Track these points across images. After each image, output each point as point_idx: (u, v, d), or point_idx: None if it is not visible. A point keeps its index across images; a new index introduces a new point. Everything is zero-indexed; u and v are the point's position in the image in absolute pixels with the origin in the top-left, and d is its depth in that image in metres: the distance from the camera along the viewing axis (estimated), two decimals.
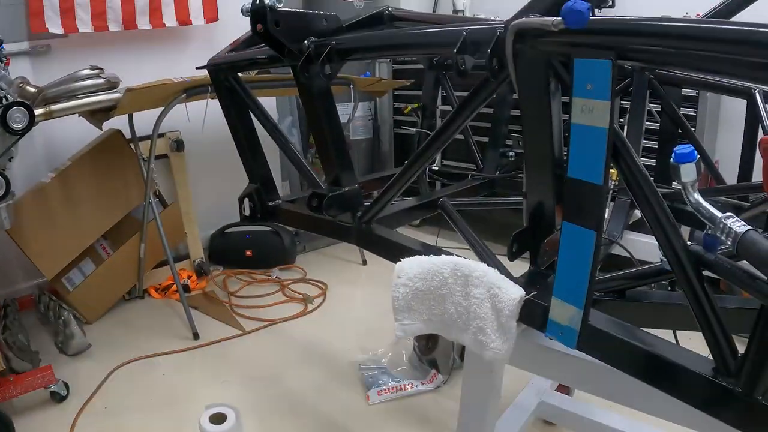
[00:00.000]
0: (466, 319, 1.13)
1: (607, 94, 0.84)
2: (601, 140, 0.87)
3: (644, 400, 0.98)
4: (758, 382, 0.79)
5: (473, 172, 2.32)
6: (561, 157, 1.05)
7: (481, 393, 1.40)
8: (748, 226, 0.79)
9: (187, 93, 2.70)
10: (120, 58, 3.16)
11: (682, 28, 0.77)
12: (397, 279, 1.22)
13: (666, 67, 1.76)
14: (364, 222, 1.48)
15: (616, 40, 0.84)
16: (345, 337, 2.84)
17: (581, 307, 0.96)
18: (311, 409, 2.28)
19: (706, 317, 0.86)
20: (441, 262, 1.18)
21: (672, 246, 0.89)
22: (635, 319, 1.05)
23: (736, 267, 0.84)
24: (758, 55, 0.69)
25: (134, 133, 2.93)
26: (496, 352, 1.08)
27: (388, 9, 1.59)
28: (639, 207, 0.92)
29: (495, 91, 1.15)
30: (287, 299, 3.32)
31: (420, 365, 2.47)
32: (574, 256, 0.96)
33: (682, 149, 0.85)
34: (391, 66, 4.34)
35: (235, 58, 1.68)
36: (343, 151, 1.51)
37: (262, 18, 1.27)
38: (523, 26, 0.92)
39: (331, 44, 1.31)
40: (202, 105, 2.78)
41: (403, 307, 1.22)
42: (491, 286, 1.09)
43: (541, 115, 1.03)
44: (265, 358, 2.69)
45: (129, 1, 3.21)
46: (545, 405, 1.96)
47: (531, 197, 1.12)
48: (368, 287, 3.54)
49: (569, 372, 1.14)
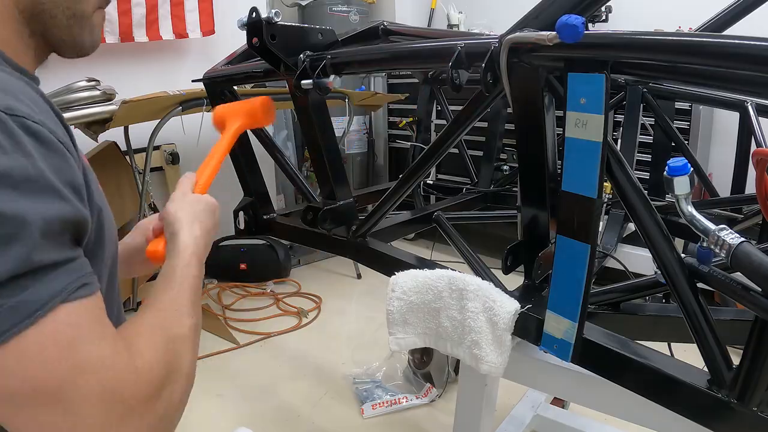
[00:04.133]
0: (461, 333, 1.13)
1: (601, 108, 0.85)
2: (595, 154, 0.87)
3: (639, 412, 0.98)
4: (753, 394, 0.79)
5: (468, 186, 2.32)
6: (555, 170, 1.06)
7: (476, 406, 1.39)
8: (742, 238, 0.79)
9: (182, 106, 2.71)
10: (116, 70, 3.16)
11: (675, 42, 0.77)
12: (391, 293, 1.22)
13: (659, 80, 1.77)
14: (359, 236, 1.48)
15: (609, 55, 0.85)
16: (339, 351, 2.83)
17: (576, 320, 0.96)
18: (305, 423, 2.27)
19: (701, 329, 0.86)
20: (436, 276, 1.18)
21: (666, 258, 0.89)
22: (630, 331, 1.05)
23: (730, 279, 0.84)
24: (750, 68, 0.70)
25: (130, 146, 2.92)
26: (491, 366, 1.08)
27: (383, 23, 1.60)
28: (633, 220, 0.93)
29: (489, 105, 1.16)
30: (282, 313, 3.31)
31: (414, 379, 2.46)
32: (569, 269, 0.96)
33: (675, 162, 0.85)
34: (386, 80, 4.36)
35: (231, 71, 1.68)
36: (338, 165, 1.51)
37: (258, 32, 1.27)
38: (518, 41, 0.92)
39: (327, 58, 1.31)
40: (197, 118, 2.78)
41: (397, 321, 1.22)
42: (486, 300, 1.09)
43: (536, 128, 1.03)
44: (259, 372, 2.67)
45: (126, 13, 3.22)
46: (540, 418, 1.96)
47: (525, 211, 1.12)
48: (363, 301, 3.53)
49: (564, 385, 1.14)
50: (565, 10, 0.86)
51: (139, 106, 2.52)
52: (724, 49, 0.72)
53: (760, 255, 0.76)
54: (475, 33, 1.61)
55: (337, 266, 3.97)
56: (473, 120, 1.19)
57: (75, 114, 2.45)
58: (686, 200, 0.86)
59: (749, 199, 1.76)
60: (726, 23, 1.47)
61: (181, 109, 2.71)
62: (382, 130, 4.64)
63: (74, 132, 2.80)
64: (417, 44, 1.39)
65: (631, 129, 2.03)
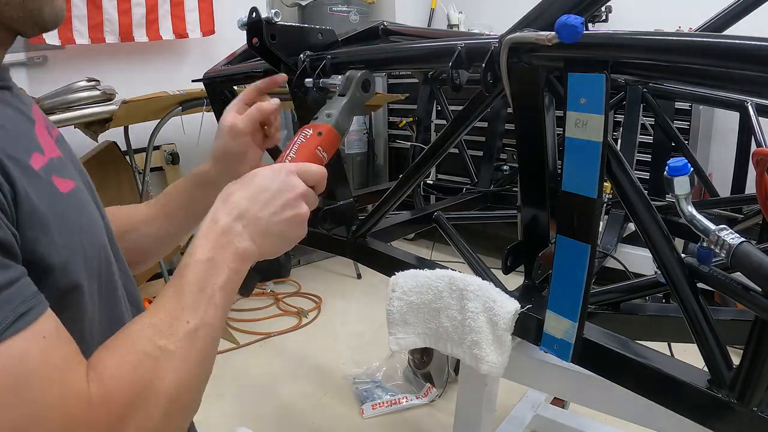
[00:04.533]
0: (461, 333, 1.13)
1: (601, 108, 0.85)
2: (595, 154, 0.87)
3: (639, 412, 0.98)
4: (753, 394, 0.79)
5: (468, 186, 2.32)
6: (555, 170, 1.05)
7: (476, 406, 1.39)
8: (742, 238, 0.79)
9: (182, 106, 2.71)
10: (116, 70, 3.17)
11: (675, 42, 0.77)
12: (392, 293, 1.22)
13: (659, 80, 1.77)
14: (359, 236, 1.47)
15: (609, 55, 0.85)
16: (339, 351, 2.84)
17: (576, 320, 0.96)
18: (305, 423, 2.27)
19: (701, 329, 0.86)
20: (436, 276, 1.17)
21: (666, 258, 0.89)
22: (630, 331, 1.05)
23: (730, 279, 0.84)
24: (750, 68, 0.69)
25: (130, 146, 2.93)
26: (492, 366, 1.08)
27: (383, 23, 1.60)
28: (633, 220, 0.93)
29: (489, 105, 1.16)
30: (282, 312, 3.31)
31: (414, 379, 2.46)
32: (569, 269, 0.96)
33: (675, 162, 0.85)
34: (386, 80, 4.36)
35: (231, 71, 1.68)
36: (338, 165, 1.51)
37: (258, 32, 1.27)
38: (517, 40, 0.92)
39: (327, 58, 1.31)
40: (197, 118, 2.79)
41: (398, 321, 1.21)
42: (486, 300, 1.09)
43: (535, 128, 1.03)
44: (259, 372, 2.67)
45: (126, 13, 3.22)
46: (540, 418, 1.96)
47: (525, 211, 1.12)
48: (363, 301, 3.53)
49: (564, 385, 1.14)
50: (565, 10, 0.86)
51: (139, 106, 2.52)
52: (724, 49, 0.72)
53: (760, 255, 0.75)
54: (475, 33, 1.61)
55: (337, 266, 3.97)
56: (473, 120, 1.19)
57: (75, 114, 2.45)
58: (686, 200, 0.86)
59: (749, 199, 1.76)
60: (726, 23, 1.47)
61: (181, 109, 2.72)
62: (382, 130, 4.64)
63: (74, 132, 2.78)
64: (417, 44, 1.38)
65: (631, 129, 2.03)
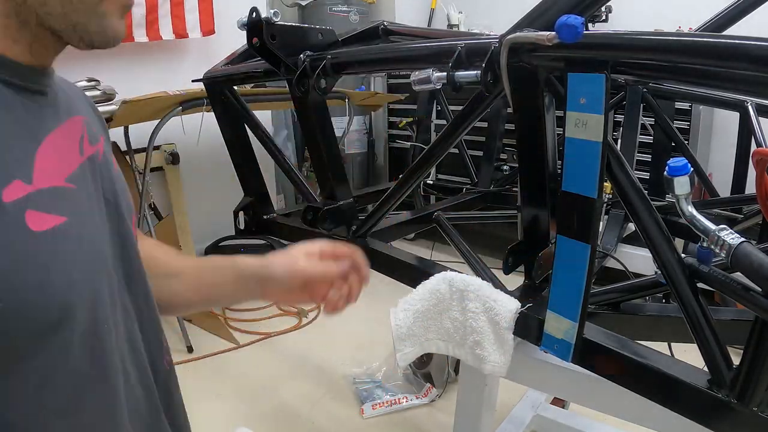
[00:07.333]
0: (463, 334, 1.13)
1: (601, 108, 0.85)
2: (595, 154, 0.87)
3: (639, 412, 0.98)
4: (753, 394, 0.79)
5: (468, 186, 2.32)
6: (555, 170, 1.05)
7: (476, 406, 1.39)
8: (742, 238, 0.79)
9: (182, 106, 2.70)
10: (116, 70, 3.16)
11: (675, 42, 0.77)
12: (396, 310, 1.21)
13: (659, 80, 1.77)
14: (359, 236, 1.48)
15: (609, 55, 0.85)
16: (339, 351, 2.83)
17: (576, 321, 0.96)
18: (305, 423, 2.27)
19: (701, 329, 0.86)
20: (436, 280, 1.17)
21: (666, 259, 0.89)
22: (630, 331, 1.05)
23: (730, 279, 0.84)
24: (750, 68, 0.70)
25: (130, 145, 2.92)
26: (495, 365, 1.08)
27: (383, 23, 1.60)
28: (633, 220, 0.93)
29: (489, 105, 1.16)
30: (282, 312, 3.30)
31: (414, 379, 2.46)
32: (569, 269, 0.96)
33: (675, 162, 0.85)
34: (386, 80, 4.36)
35: (231, 71, 1.68)
36: (338, 165, 1.51)
37: (258, 32, 1.27)
38: (517, 41, 0.92)
39: (327, 58, 1.31)
40: (197, 118, 2.78)
41: (404, 335, 1.20)
42: (487, 300, 1.09)
43: (535, 128, 1.03)
44: (259, 372, 2.67)
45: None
46: (540, 418, 1.95)
47: (525, 211, 1.12)
48: (363, 301, 3.51)
49: (564, 385, 1.14)
50: (565, 10, 0.86)
51: (139, 106, 2.52)
52: (724, 49, 0.72)
53: (760, 255, 0.75)
54: (475, 33, 1.61)
55: None
56: (473, 120, 1.19)
57: None
58: (686, 200, 0.86)
59: (749, 199, 1.76)
60: (726, 23, 1.47)
61: (181, 109, 2.71)
62: (382, 130, 4.64)
63: None
64: (417, 44, 1.39)
65: (631, 129, 2.03)
